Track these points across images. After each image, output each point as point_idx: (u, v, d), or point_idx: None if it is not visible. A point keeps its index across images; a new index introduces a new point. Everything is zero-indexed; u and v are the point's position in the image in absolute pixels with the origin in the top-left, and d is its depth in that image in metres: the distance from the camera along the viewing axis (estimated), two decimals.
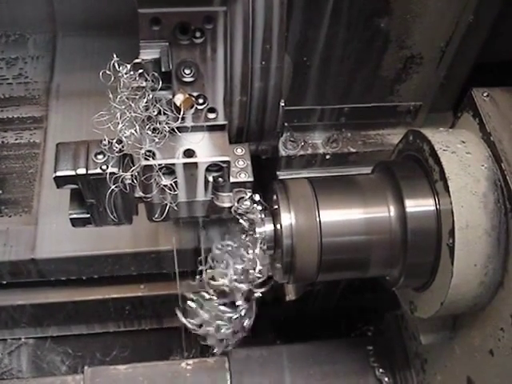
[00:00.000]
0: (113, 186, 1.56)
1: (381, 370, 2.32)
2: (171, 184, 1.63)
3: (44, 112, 2.87)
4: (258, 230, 1.68)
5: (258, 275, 1.71)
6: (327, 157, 2.19)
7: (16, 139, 2.80)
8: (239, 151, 1.75)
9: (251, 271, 1.70)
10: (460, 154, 1.64)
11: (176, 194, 1.65)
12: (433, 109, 2.21)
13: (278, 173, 2.16)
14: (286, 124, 2.09)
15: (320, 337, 2.45)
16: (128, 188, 1.60)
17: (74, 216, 1.75)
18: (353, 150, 2.20)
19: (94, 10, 2.94)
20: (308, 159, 2.19)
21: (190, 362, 2.33)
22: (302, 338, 2.44)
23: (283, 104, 1.81)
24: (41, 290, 2.66)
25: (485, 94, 1.72)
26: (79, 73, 2.92)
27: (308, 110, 2.13)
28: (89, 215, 1.74)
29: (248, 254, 1.71)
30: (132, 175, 1.60)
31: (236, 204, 1.70)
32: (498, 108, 1.70)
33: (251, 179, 1.71)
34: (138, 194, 1.66)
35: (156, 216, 1.71)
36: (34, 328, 2.85)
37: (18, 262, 2.49)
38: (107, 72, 1.49)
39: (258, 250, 1.68)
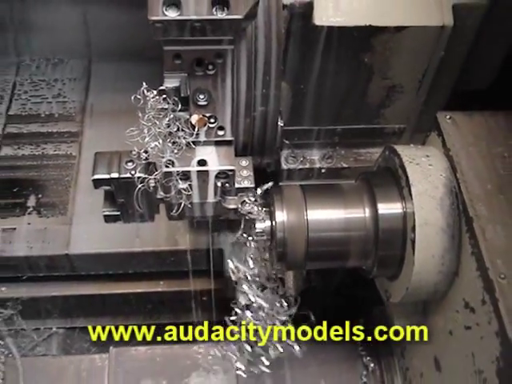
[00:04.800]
0: (139, 185, 1.74)
1: (368, 358, 2.51)
2: (187, 187, 1.78)
3: (79, 128, 3.02)
4: (257, 225, 1.87)
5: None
6: (323, 171, 2.34)
7: (55, 151, 2.94)
8: (243, 163, 1.90)
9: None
10: (423, 166, 1.84)
11: (190, 196, 1.81)
12: (416, 130, 2.31)
13: (280, 184, 2.28)
14: (287, 142, 2.25)
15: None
16: (152, 189, 1.77)
17: (107, 213, 1.93)
18: (345, 165, 2.34)
19: (125, 39, 3.09)
20: (306, 172, 2.34)
21: (202, 345, 2.53)
22: None
23: (282, 124, 1.97)
24: (72, 284, 2.78)
25: (447, 117, 1.93)
26: (111, 94, 3.07)
27: (306, 130, 2.27)
28: (119, 213, 1.91)
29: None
30: (155, 179, 1.76)
31: (240, 206, 1.87)
32: (457, 128, 1.91)
33: (253, 186, 1.87)
34: (160, 195, 1.82)
35: (174, 214, 1.86)
36: (65, 319, 2.94)
37: (53, 257, 2.63)
38: (138, 96, 1.65)
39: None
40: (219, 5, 1.54)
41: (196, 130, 1.76)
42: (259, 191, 1.90)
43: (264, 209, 1.92)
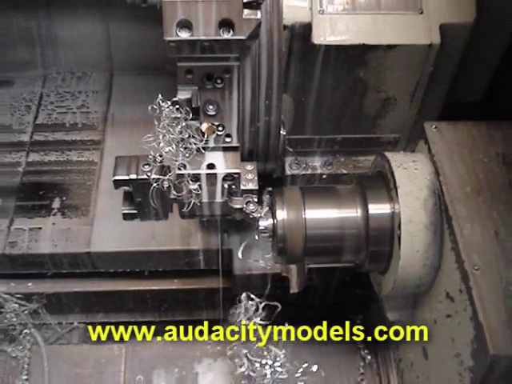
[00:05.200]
0: (155, 185, 1.88)
1: (365, 351, 2.65)
2: (197, 188, 1.91)
3: (101, 136, 3.13)
4: (260, 223, 2.03)
5: None
6: (324, 176, 2.51)
7: (78, 157, 3.06)
8: (249, 167, 2.01)
9: None
10: (410, 170, 2.00)
11: (200, 195, 1.94)
12: (411, 140, 2.45)
13: (284, 188, 2.37)
14: (290, 149, 2.38)
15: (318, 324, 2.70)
16: (166, 189, 1.90)
17: (125, 211, 2.05)
18: (345, 171, 2.51)
19: (144, 54, 3.24)
20: (308, 178, 2.52)
21: (210, 341, 2.71)
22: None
23: (284, 133, 2.10)
24: (93, 280, 2.88)
25: (433, 126, 2.09)
26: (130, 105, 3.20)
27: (308, 139, 2.45)
28: (136, 211, 2.04)
29: None
30: (169, 180, 1.88)
31: (244, 205, 2.00)
32: (442, 136, 2.06)
33: (256, 188, 1.99)
34: (173, 194, 1.93)
35: (185, 212, 1.99)
36: (85, 314, 3.03)
37: (76, 255, 2.75)
38: (154, 106, 1.78)
39: None
40: (225, 26, 1.72)
41: (205, 136, 1.89)
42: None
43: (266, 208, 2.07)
